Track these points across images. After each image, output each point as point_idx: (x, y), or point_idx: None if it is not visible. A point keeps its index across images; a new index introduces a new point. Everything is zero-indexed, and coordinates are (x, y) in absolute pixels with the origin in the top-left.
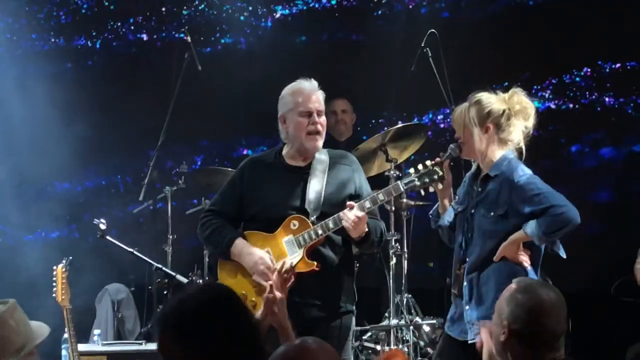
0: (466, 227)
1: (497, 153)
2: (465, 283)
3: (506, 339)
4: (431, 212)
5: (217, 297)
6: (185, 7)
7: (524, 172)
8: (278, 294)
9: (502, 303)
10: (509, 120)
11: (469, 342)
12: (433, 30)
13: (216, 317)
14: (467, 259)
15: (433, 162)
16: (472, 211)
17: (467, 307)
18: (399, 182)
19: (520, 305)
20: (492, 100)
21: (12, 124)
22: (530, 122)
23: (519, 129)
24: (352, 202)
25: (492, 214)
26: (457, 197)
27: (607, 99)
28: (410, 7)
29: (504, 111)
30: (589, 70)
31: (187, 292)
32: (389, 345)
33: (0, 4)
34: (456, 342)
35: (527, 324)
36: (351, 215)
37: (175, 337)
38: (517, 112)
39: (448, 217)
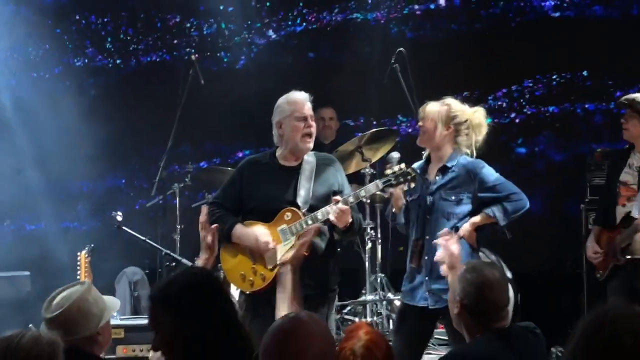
0: (420, 211)
1: (449, 149)
2: (426, 257)
3: (459, 312)
4: (387, 213)
5: (200, 277)
6: (192, 29)
7: (483, 165)
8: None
9: (455, 282)
10: (467, 129)
11: (430, 307)
12: (401, 49)
13: (200, 292)
14: (426, 237)
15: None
16: (431, 197)
17: (426, 278)
18: (377, 181)
19: (468, 282)
20: (460, 108)
21: (45, 133)
22: (480, 138)
23: (471, 139)
24: (337, 197)
25: (453, 198)
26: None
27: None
28: (382, 21)
29: (466, 120)
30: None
31: (175, 274)
32: (365, 317)
33: (33, 31)
34: (416, 309)
35: (475, 298)
36: (337, 208)
37: (166, 309)
38: (474, 125)
39: (401, 216)
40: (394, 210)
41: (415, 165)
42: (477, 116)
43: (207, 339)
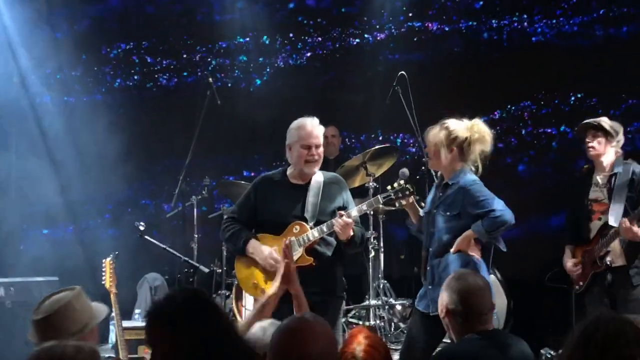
0: (429, 225)
1: (457, 167)
2: (428, 267)
3: (445, 316)
4: (407, 222)
5: (196, 295)
6: (210, 56)
7: (473, 181)
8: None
9: (443, 289)
10: (469, 146)
11: (431, 314)
12: (403, 72)
13: (197, 308)
14: (430, 249)
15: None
16: (435, 212)
17: (429, 287)
18: (378, 196)
19: (453, 290)
20: (458, 128)
21: (81, 151)
22: (487, 147)
23: (477, 152)
24: (342, 212)
25: (448, 213)
26: (424, 204)
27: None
28: (384, 46)
29: (466, 138)
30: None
31: (172, 292)
32: (369, 321)
33: (67, 62)
34: (422, 314)
35: (459, 304)
36: (341, 221)
37: (166, 323)
38: (476, 139)
39: (414, 226)
40: (413, 220)
41: (435, 183)
42: (475, 130)
43: (205, 351)
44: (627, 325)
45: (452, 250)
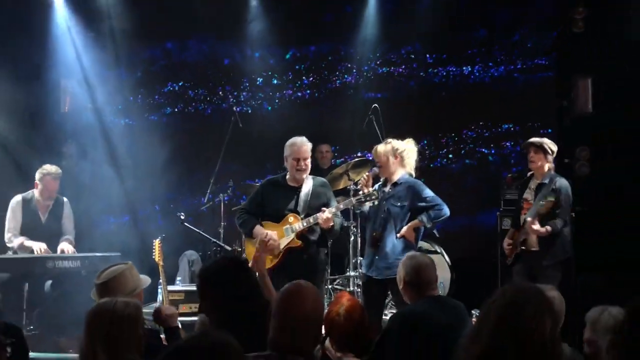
0: (379, 212)
1: (400, 172)
2: (379, 244)
3: (403, 286)
4: (359, 212)
5: (233, 261)
6: (235, 91)
7: (420, 184)
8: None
9: (399, 267)
10: (408, 155)
11: (375, 278)
12: (376, 105)
13: (234, 271)
14: (381, 231)
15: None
16: (385, 203)
17: (376, 257)
18: (352, 198)
19: (407, 266)
20: (398, 143)
21: (138, 161)
22: (414, 159)
23: (412, 161)
24: (324, 208)
25: (398, 204)
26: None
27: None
28: (363, 85)
29: (404, 150)
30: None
31: (217, 259)
32: (349, 287)
33: (128, 94)
34: (373, 279)
35: (412, 276)
36: (324, 215)
37: (212, 281)
38: (409, 150)
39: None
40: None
41: (378, 183)
42: (409, 146)
43: (237, 303)
44: (530, 294)
45: (398, 235)
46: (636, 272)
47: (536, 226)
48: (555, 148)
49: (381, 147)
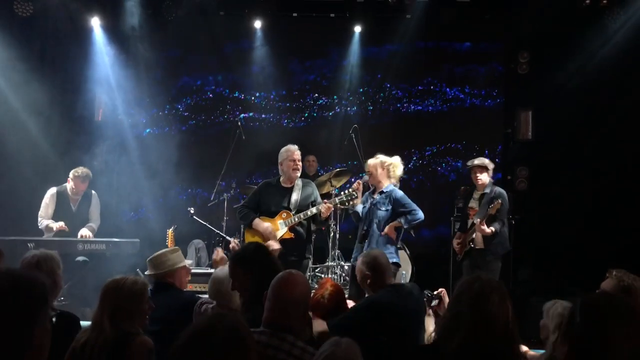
0: (368, 214)
1: (386, 182)
2: (366, 240)
3: (362, 278)
4: (351, 213)
5: (259, 247)
6: (239, 109)
7: (399, 192)
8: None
9: (358, 264)
10: (393, 168)
11: None
12: (355, 125)
13: (260, 255)
14: (369, 229)
15: (353, 189)
16: (373, 207)
17: (364, 250)
18: (336, 198)
19: (365, 262)
20: (386, 158)
21: (156, 164)
22: (399, 172)
23: (395, 174)
24: (326, 200)
25: (383, 209)
26: (362, 201)
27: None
28: (343, 108)
29: (391, 164)
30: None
31: (246, 245)
32: (328, 274)
33: (154, 109)
34: None
35: (370, 268)
36: (326, 206)
37: (239, 264)
38: (395, 165)
39: (358, 216)
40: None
41: (368, 192)
42: (394, 161)
43: (264, 281)
44: (493, 285)
45: (382, 232)
46: (560, 266)
47: (484, 227)
48: (492, 166)
49: (371, 160)
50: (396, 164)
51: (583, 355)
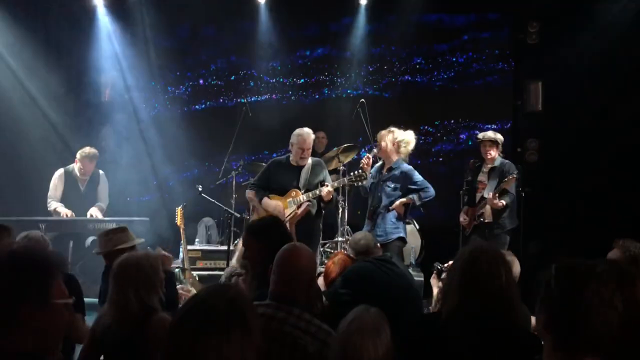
0: (376, 191)
1: (395, 157)
2: (374, 215)
3: (354, 256)
4: (361, 189)
5: (274, 219)
6: (246, 90)
7: (410, 168)
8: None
9: (347, 247)
10: (404, 144)
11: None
12: (363, 100)
13: (273, 227)
14: (377, 205)
15: (362, 170)
16: (382, 183)
17: (373, 226)
18: (344, 177)
19: (351, 245)
20: (399, 132)
21: (165, 143)
22: (411, 148)
23: (407, 150)
24: (327, 183)
25: (392, 185)
26: (370, 175)
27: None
28: (354, 86)
29: (402, 140)
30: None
31: (260, 217)
32: (337, 250)
33: (148, 88)
34: None
35: (357, 248)
36: (325, 189)
37: (252, 236)
38: (407, 141)
39: (367, 190)
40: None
41: (377, 164)
42: (406, 137)
43: (276, 251)
44: (483, 248)
45: (391, 207)
46: (571, 238)
47: (496, 200)
48: (501, 139)
49: (383, 132)
50: (408, 140)
51: (560, 323)
